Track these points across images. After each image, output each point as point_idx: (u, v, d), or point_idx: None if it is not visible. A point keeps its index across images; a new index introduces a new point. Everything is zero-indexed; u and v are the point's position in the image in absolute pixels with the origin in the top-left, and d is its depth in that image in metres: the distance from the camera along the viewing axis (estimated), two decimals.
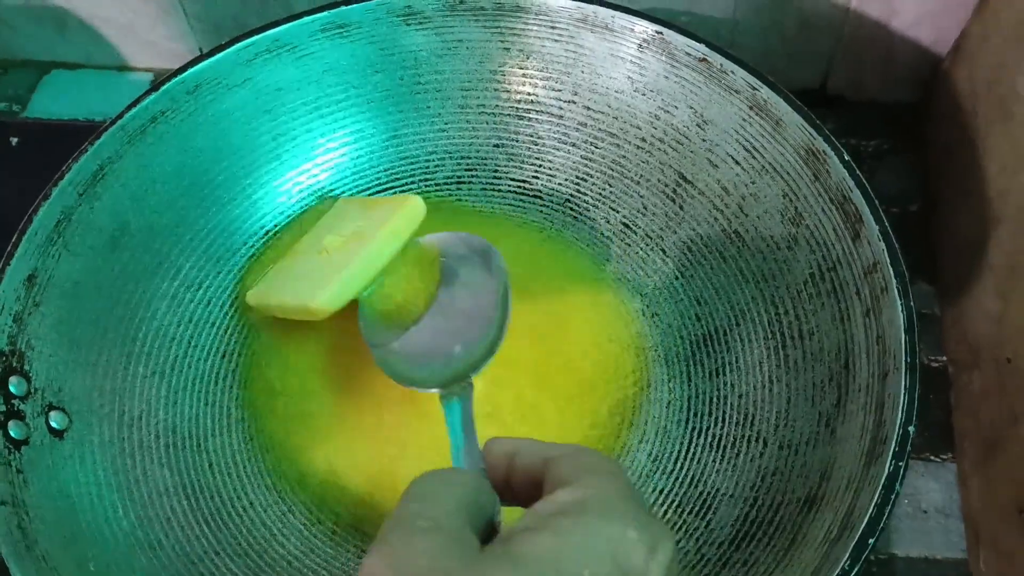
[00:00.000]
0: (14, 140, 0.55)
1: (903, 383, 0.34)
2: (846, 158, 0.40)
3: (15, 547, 0.33)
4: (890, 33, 0.56)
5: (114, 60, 0.64)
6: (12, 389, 0.37)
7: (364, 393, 0.42)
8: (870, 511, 0.32)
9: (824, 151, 0.40)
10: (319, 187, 0.47)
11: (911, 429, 0.33)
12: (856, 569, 0.31)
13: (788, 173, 0.42)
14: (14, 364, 0.37)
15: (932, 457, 0.49)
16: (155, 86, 0.43)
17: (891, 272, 0.37)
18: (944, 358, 0.51)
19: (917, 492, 0.48)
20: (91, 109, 0.61)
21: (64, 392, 0.39)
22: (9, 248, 0.38)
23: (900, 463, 0.32)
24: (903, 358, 0.35)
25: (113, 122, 0.42)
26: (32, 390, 0.37)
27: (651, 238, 0.46)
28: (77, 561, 0.34)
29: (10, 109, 0.63)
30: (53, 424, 0.38)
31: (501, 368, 0.39)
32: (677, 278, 0.45)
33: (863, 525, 0.31)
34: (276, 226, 0.47)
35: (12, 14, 0.61)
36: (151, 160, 0.43)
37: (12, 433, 0.36)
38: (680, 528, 0.38)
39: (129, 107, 0.43)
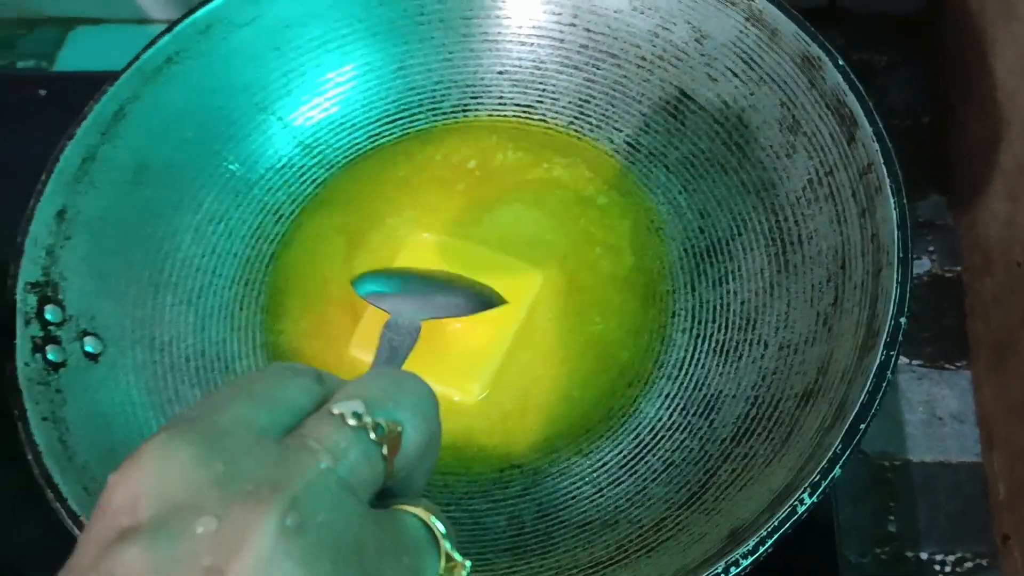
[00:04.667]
0: (42, 92, 0.57)
1: (895, 277, 0.35)
2: (840, 63, 0.40)
3: (58, 458, 0.35)
4: None
5: (134, 13, 0.66)
6: (48, 316, 0.39)
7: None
8: (861, 398, 0.33)
9: (819, 57, 0.40)
10: (330, 120, 0.49)
11: (903, 320, 0.34)
12: (847, 453, 0.32)
13: (785, 82, 0.42)
14: (48, 293, 0.40)
15: (947, 365, 0.50)
16: (168, 28, 0.45)
17: (884, 171, 0.37)
18: (958, 268, 0.52)
19: (932, 399, 0.49)
20: (116, 62, 0.63)
21: (97, 319, 0.41)
22: (39, 186, 0.41)
23: (891, 352, 0.33)
24: (896, 253, 0.35)
25: (130, 64, 0.44)
26: (67, 317, 0.40)
27: (655, 155, 0.47)
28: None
29: (39, 65, 0.65)
30: (88, 349, 0.40)
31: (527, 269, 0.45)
32: (681, 192, 0.46)
33: (855, 412, 0.33)
34: (291, 160, 0.48)
35: None
36: (167, 100, 0.45)
37: (50, 356, 0.38)
38: (685, 428, 0.40)
39: (144, 49, 0.44)
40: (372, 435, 0.23)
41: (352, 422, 0.22)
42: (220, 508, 0.20)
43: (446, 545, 0.24)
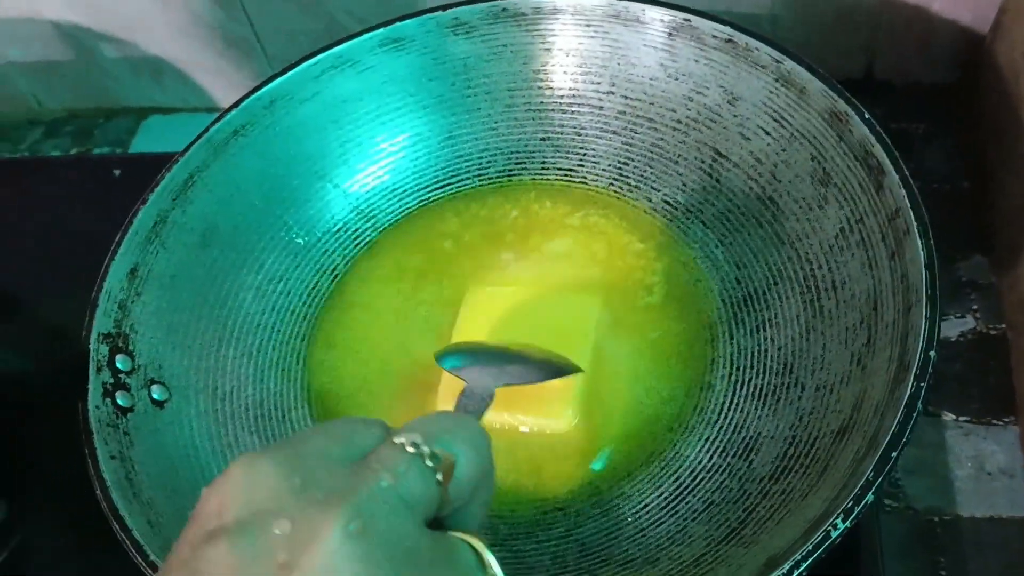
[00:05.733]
0: (117, 172, 0.62)
1: (924, 313, 0.36)
2: (866, 116, 0.42)
3: (124, 493, 0.38)
4: (929, 16, 0.58)
5: (205, 102, 0.71)
6: (119, 365, 0.42)
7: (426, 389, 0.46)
8: (893, 427, 0.33)
9: (846, 112, 0.42)
10: (383, 186, 0.52)
11: (932, 354, 0.35)
12: (880, 480, 0.33)
13: (815, 137, 0.44)
14: (119, 344, 0.42)
15: (994, 421, 0.49)
16: (236, 103, 0.49)
17: (912, 215, 0.38)
18: (1003, 325, 0.52)
19: (980, 455, 0.49)
20: None
21: (164, 369, 0.44)
22: (113, 245, 0.44)
23: (921, 383, 0.34)
24: (924, 291, 0.36)
25: (200, 136, 0.48)
26: (136, 366, 0.43)
27: (692, 212, 0.49)
28: (177, 509, 0.39)
29: (113, 152, 0.70)
30: (155, 396, 0.43)
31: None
32: (718, 246, 0.47)
33: (887, 440, 0.33)
34: (346, 224, 0.52)
35: (112, 65, 0.69)
36: (234, 168, 0.49)
37: (120, 402, 0.41)
38: (724, 470, 0.40)
39: (214, 122, 0.48)
40: (428, 462, 0.25)
41: (411, 449, 0.26)
42: (295, 513, 0.23)
43: (498, 572, 0.26)
